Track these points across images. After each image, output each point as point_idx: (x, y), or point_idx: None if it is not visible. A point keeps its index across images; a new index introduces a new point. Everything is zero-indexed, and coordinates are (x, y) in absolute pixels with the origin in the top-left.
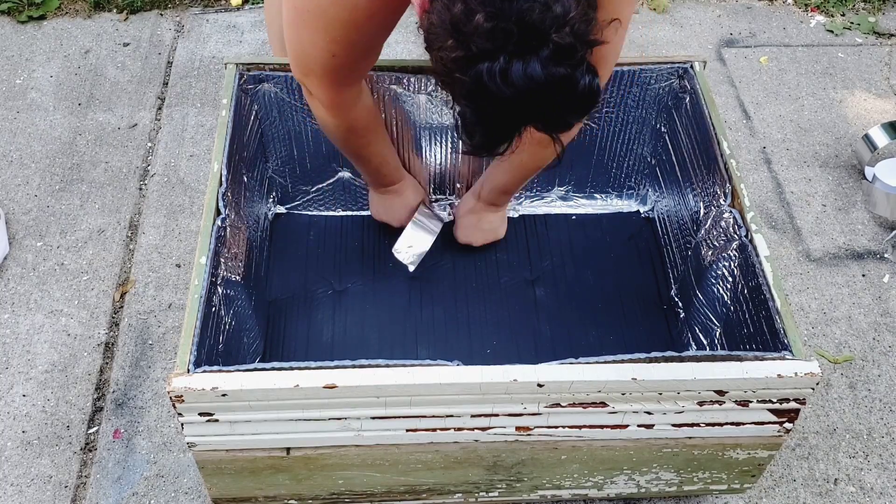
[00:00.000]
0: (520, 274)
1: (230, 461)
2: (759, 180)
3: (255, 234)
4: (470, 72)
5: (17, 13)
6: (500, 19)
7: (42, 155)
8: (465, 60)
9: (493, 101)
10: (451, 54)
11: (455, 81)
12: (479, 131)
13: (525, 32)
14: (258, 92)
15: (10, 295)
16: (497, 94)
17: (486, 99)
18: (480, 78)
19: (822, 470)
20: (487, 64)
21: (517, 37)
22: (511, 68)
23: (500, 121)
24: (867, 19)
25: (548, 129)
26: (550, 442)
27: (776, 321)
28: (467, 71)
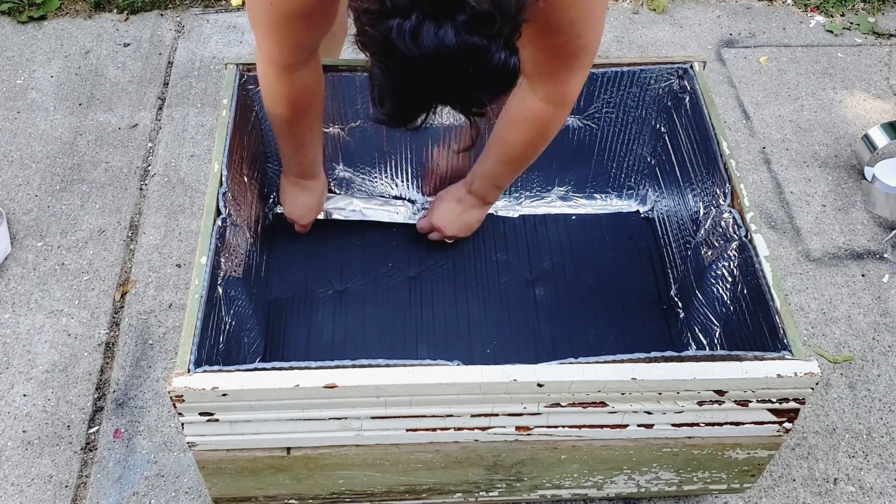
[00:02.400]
0: (520, 274)
1: (230, 461)
2: (759, 180)
3: (255, 233)
4: (380, 27)
5: (17, 13)
6: None
7: (42, 155)
8: (378, 14)
9: (402, 63)
10: (364, 5)
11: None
12: (388, 97)
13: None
14: (258, 92)
15: (11, 295)
16: (405, 55)
17: (395, 59)
18: (389, 34)
19: (822, 470)
20: (398, 20)
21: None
22: (422, 28)
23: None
24: (867, 19)
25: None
26: (550, 442)
27: (776, 321)
28: (378, 26)
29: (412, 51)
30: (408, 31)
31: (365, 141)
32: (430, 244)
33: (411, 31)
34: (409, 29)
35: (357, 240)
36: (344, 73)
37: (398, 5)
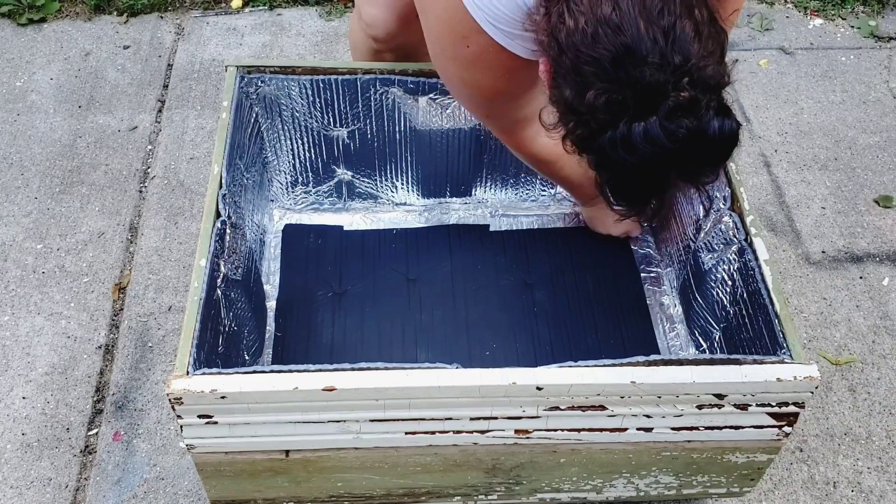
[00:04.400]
0: (519, 277)
1: (229, 463)
2: (759, 183)
3: (255, 236)
4: (595, 147)
5: (17, 16)
6: (612, 91)
7: (42, 157)
8: (589, 138)
9: (627, 171)
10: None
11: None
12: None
13: (641, 95)
14: (258, 94)
15: (10, 297)
16: (623, 163)
17: (620, 169)
18: (604, 151)
19: (822, 473)
20: (609, 133)
21: (634, 101)
22: (632, 134)
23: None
24: (867, 23)
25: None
26: (549, 445)
27: (775, 325)
28: (592, 147)
29: (627, 158)
30: (619, 142)
31: (366, 143)
32: (430, 246)
33: (622, 141)
34: (619, 139)
35: (357, 242)
36: (344, 75)
37: (603, 122)
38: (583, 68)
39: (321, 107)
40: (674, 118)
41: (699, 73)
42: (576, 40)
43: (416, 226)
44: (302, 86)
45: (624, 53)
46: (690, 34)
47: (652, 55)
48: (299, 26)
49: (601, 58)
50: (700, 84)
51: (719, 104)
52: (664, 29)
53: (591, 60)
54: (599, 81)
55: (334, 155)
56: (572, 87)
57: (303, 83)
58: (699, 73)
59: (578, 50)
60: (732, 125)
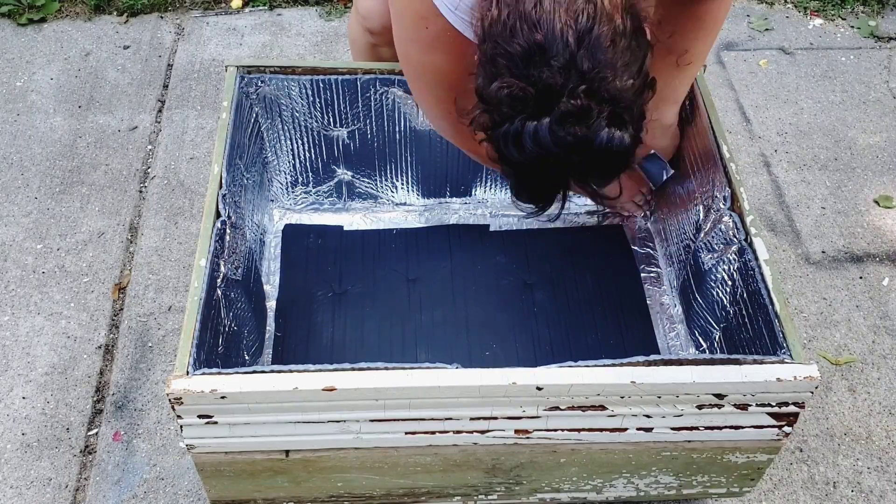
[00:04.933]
0: (519, 277)
1: (229, 463)
2: (759, 183)
3: (255, 236)
4: (494, 138)
5: (17, 16)
6: (516, 87)
7: (42, 157)
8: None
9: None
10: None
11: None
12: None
13: (540, 95)
14: (258, 94)
15: (10, 297)
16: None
17: (510, 162)
18: (498, 142)
19: (822, 473)
20: (505, 127)
21: (533, 100)
22: (524, 131)
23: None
24: (867, 23)
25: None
26: (549, 445)
27: (775, 325)
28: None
29: (514, 154)
30: (511, 137)
31: (365, 143)
32: (430, 246)
33: (514, 136)
34: (512, 134)
35: (357, 242)
36: (344, 75)
37: (504, 115)
38: (497, 59)
39: (321, 107)
40: (563, 124)
41: (600, 84)
42: (496, 31)
43: (416, 226)
44: (302, 86)
45: (535, 51)
46: (605, 42)
47: (559, 57)
48: (299, 26)
49: (514, 52)
50: (597, 94)
51: (614, 116)
52: (579, 32)
53: (504, 53)
54: (509, 75)
55: (334, 155)
56: (486, 75)
57: (303, 83)
58: (600, 84)
59: (496, 41)
60: (623, 138)
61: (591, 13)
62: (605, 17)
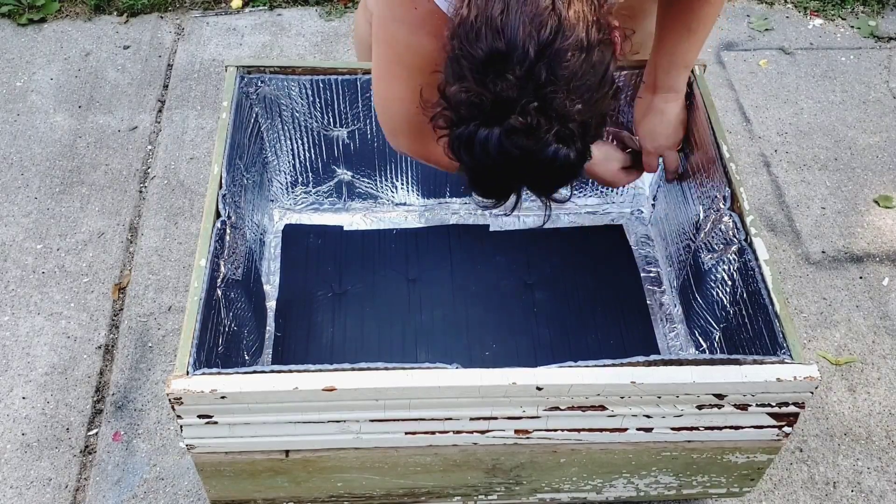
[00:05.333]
0: (519, 277)
1: (229, 463)
2: (759, 183)
3: (255, 236)
4: (450, 136)
5: (17, 16)
6: (474, 92)
7: (42, 157)
8: (446, 127)
9: (467, 165)
10: (437, 119)
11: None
12: (474, 187)
13: (495, 105)
14: (258, 94)
15: (10, 297)
16: (464, 158)
17: (462, 161)
18: (452, 143)
19: (822, 473)
20: (459, 129)
21: (489, 108)
22: (475, 138)
23: (482, 182)
24: (867, 23)
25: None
26: (549, 445)
27: (775, 325)
28: (450, 135)
29: (464, 157)
30: (464, 139)
31: (365, 143)
32: (430, 246)
33: (466, 139)
34: (465, 136)
35: (357, 242)
36: (344, 75)
37: (463, 117)
38: (461, 60)
39: (321, 107)
40: (512, 136)
41: (552, 101)
42: (463, 31)
43: (416, 226)
44: (302, 86)
45: (495, 58)
46: (566, 56)
47: (517, 68)
48: (299, 26)
49: (476, 56)
50: (548, 112)
51: (562, 133)
52: (540, 44)
53: (468, 56)
54: (470, 77)
55: (334, 155)
56: (450, 73)
57: (303, 83)
58: (552, 101)
59: (462, 42)
60: (568, 155)
61: (554, 25)
62: (569, 29)
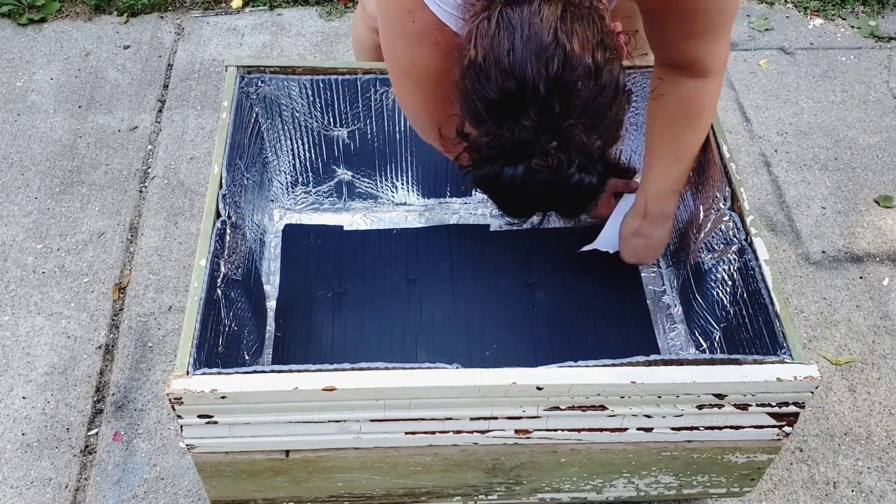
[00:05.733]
0: (519, 277)
1: (229, 463)
2: (759, 183)
3: (255, 236)
4: (476, 174)
5: (17, 16)
6: (493, 134)
7: (42, 157)
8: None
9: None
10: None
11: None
12: (503, 211)
13: (515, 145)
14: (258, 94)
15: (11, 297)
16: (494, 193)
17: (492, 194)
18: (479, 181)
19: (822, 473)
20: (486, 170)
21: (510, 147)
22: (501, 176)
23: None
24: (867, 23)
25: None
26: (549, 445)
27: (775, 325)
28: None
29: (494, 192)
30: (491, 179)
31: (365, 143)
32: (430, 246)
33: (493, 178)
34: (491, 176)
35: (357, 242)
36: (345, 75)
37: (486, 157)
38: (476, 102)
39: (321, 107)
40: (535, 175)
41: (571, 138)
42: (473, 73)
43: (416, 226)
44: (302, 86)
45: (508, 98)
46: (576, 87)
47: (531, 105)
48: (299, 26)
49: (489, 97)
50: (568, 147)
51: (583, 164)
52: (551, 79)
53: (482, 98)
54: (487, 118)
55: (334, 155)
56: (466, 112)
57: (303, 83)
58: (571, 138)
59: (474, 84)
60: (592, 181)
61: (561, 59)
62: (576, 59)
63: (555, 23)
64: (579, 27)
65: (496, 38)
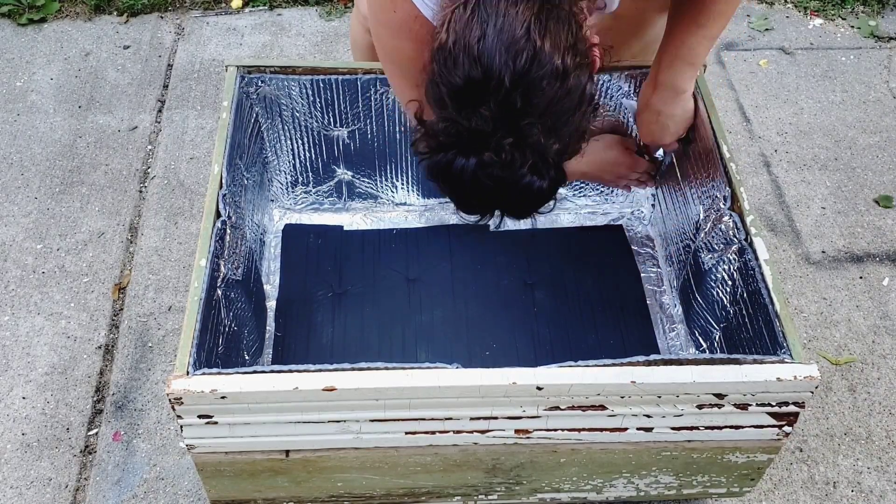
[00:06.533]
0: (519, 277)
1: (229, 463)
2: (759, 183)
3: (255, 236)
4: (430, 161)
5: (17, 16)
6: (452, 121)
7: (42, 157)
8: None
9: (445, 188)
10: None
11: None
12: (457, 207)
13: (471, 135)
14: (258, 94)
15: (11, 297)
16: (442, 183)
17: (441, 184)
18: (430, 168)
19: (822, 473)
20: (438, 156)
21: (466, 137)
22: (452, 166)
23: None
24: (867, 22)
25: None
26: (549, 445)
27: (775, 325)
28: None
29: (444, 185)
30: (441, 168)
31: (365, 143)
32: (430, 246)
33: (444, 167)
34: (442, 164)
35: (357, 242)
36: (345, 75)
37: (442, 143)
38: (440, 86)
39: (321, 107)
40: (487, 168)
41: (527, 137)
42: (441, 57)
43: (416, 226)
44: (302, 86)
45: (472, 86)
46: (541, 86)
47: (493, 97)
48: (299, 26)
49: (454, 83)
50: (522, 146)
51: (536, 165)
52: (516, 74)
53: (446, 82)
54: (449, 103)
55: (334, 155)
56: (430, 98)
57: (303, 83)
58: (527, 137)
59: (441, 68)
60: (542, 186)
61: (530, 54)
62: (545, 57)
63: (530, 18)
64: (553, 27)
65: (469, 25)
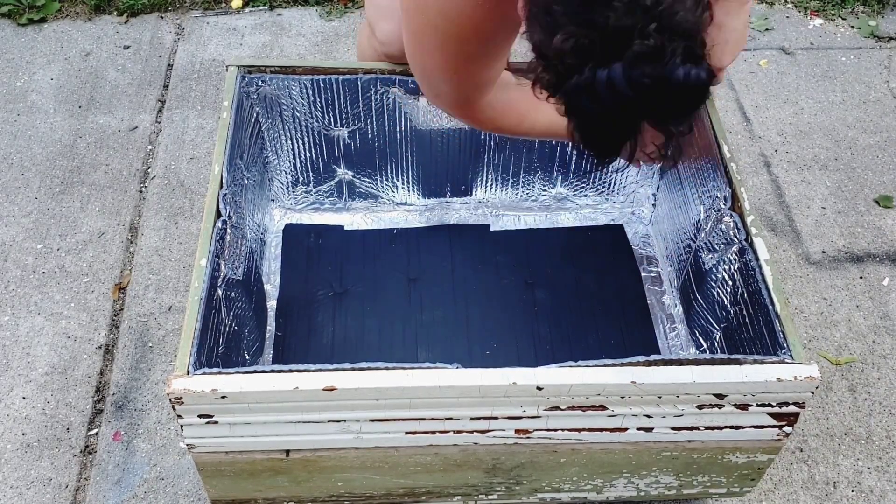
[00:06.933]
0: (519, 277)
1: (229, 463)
2: (759, 183)
3: (255, 235)
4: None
5: (17, 16)
6: (579, 35)
7: (42, 157)
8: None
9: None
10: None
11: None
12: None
13: (607, 40)
14: (259, 94)
15: (11, 297)
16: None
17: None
18: (569, 97)
19: (822, 473)
20: (574, 79)
21: (600, 46)
22: (596, 80)
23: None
24: (867, 23)
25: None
26: (550, 445)
27: (776, 325)
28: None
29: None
30: (584, 88)
31: (366, 143)
32: (430, 246)
33: (586, 87)
34: (584, 85)
35: (358, 242)
36: (345, 75)
37: (570, 66)
38: (553, 8)
39: (322, 107)
40: (637, 66)
41: (669, 19)
42: None
43: (416, 225)
44: (302, 86)
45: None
46: None
47: None
48: (299, 26)
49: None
50: (669, 30)
51: (689, 51)
52: None
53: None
54: (568, 23)
55: (335, 155)
56: (543, 27)
57: (303, 83)
58: (669, 19)
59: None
60: (700, 74)
61: None
62: None
63: None
64: None
65: None
